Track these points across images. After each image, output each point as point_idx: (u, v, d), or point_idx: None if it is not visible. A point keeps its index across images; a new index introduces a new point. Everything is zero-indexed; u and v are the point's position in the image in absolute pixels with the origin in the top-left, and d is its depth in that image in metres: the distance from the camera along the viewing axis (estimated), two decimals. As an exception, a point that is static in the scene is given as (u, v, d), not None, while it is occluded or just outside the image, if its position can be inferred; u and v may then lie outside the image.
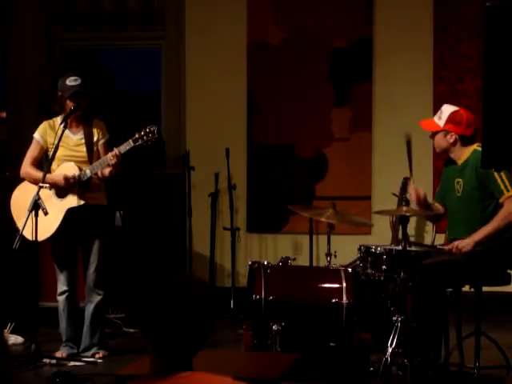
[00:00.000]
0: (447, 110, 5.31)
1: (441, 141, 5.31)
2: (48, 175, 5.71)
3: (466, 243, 5.10)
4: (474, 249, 5.13)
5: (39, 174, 5.78)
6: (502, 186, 5.05)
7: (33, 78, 8.14)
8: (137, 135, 5.78)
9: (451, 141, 5.25)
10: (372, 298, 5.43)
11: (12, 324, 6.32)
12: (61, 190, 5.80)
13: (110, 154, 5.73)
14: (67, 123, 5.79)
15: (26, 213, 5.58)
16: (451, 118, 5.25)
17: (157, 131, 5.79)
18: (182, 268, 7.69)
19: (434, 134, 5.35)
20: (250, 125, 8.10)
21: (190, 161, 7.81)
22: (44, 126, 5.94)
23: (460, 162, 5.28)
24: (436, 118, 5.34)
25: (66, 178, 5.74)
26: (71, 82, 5.83)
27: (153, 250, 7.50)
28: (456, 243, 5.14)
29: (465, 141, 5.25)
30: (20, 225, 5.75)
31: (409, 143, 5.48)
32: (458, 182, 5.27)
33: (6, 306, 6.66)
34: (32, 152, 5.94)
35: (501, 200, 5.09)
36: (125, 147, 5.78)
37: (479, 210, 5.18)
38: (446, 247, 5.26)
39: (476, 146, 5.22)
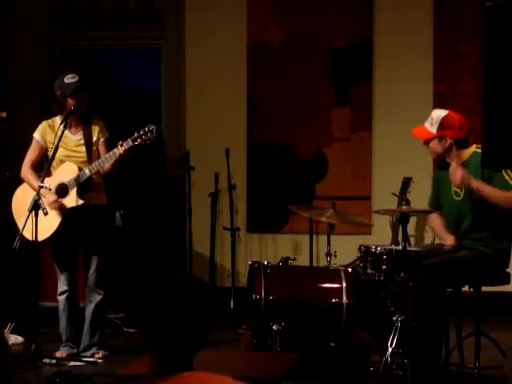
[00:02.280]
0: (438, 115, 5.27)
1: (436, 147, 5.28)
2: (42, 190, 5.69)
3: (468, 180, 5.04)
4: (475, 250, 5.14)
5: (36, 184, 5.75)
6: (510, 181, 5.04)
7: (33, 78, 8.14)
8: (136, 134, 5.77)
9: (446, 145, 5.22)
10: (372, 298, 5.43)
11: (12, 324, 6.32)
12: (61, 190, 5.81)
13: (120, 149, 5.69)
14: (67, 123, 5.78)
15: (26, 213, 5.58)
16: (443, 123, 5.21)
17: (156, 130, 5.78)
18: (182, 268, 7.69)
19: (427, 141, 5.32)
20: (250, 125, 8.10)
21: (190, 161, 7.81)
22: (43, 125, 5.94)
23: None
24: (427, 125, 5.29)
25: (55, 201, 5.73)
26: (69, 79, 5.82)
27: (153, 249, 7.50)
28: (464, 177, 5.06)
29: (460, 144, 5.22)
30: (20, 225, 5.75)
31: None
32: (456, 185, 5.24)
33: (6, 306, 6.66)
34: (32, 153, 5.93)
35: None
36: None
37: (485, 211, 5.14)
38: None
39: (475, 148, 5.19)
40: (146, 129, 5.77)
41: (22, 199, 5.88)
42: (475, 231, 5.19)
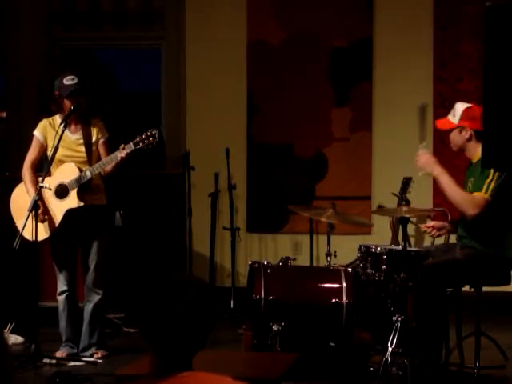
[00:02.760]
0: (460, 107, 5.32)
1: (456, 137, 5.29)
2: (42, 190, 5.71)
3: (435, 169, 5.10)
4: (475, 250, 5.14)
5: (31, 188, 5.76)
6: (485, 186, 5.03)
7: (33, 77, 8.14)
8: (138, 138, 5.75)
9: (466, 136, 5.24)
10: (372, 298, 5.43)
11: (12, 324, 6.31)
12: (61, 190, 5.81)
13: (119, 154, 5.69)
14: (67, 123, 5.78)
15: (26, 213, 5.58)
16: (465, 115, 5.24)
17: (158, 135, 5.77)
18: (182, 268, 7.69)
19: (448, 132, 5.34)
20: (250, 125, 8.10)
21: (190, 161, 7.80)
22: (44, 123, 5.93)
23: (474, 160, 5.24)
24: (450, 116, 5.33)
25: (43, 214, 5.74)
26: (68, 81, 5.82)
27: (153, 249, 7.50)
28: (423, 160, 5.12)
29: (480, 136, 5.23)
30: (19, 224, 5.76)
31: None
32: (470, 181, 5.25)
33: (6, 306, 6.66)
34: (32, 152, 5.92)
35: (474, 193, 5.07)
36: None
37: (487, 211, 5.13)
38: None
39: None
40: (149, 133, 5.74)
41: (20, 198, 5.88)
42: (477, 231, 5.18)
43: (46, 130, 5.89)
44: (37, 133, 5.92)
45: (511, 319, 7.21)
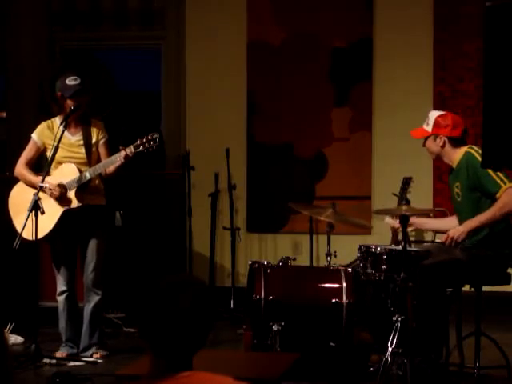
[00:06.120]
0: (433, 115, 5.39)
1: (431, 146, 5.35)
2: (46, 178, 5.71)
3: (459, 232, 5.09)
4: (474, 251, 5.13)
5: (34, 178, 5.77)
6: (499, 180, 5.05)
7: (33, 78, 8.15)
8: (138, 142, 5.74)
9: (441, 144, 5.29)
10: (372, 298, 5.43)
11: (12, 324, 6.32)
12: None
13: (122, 154, 5.70)
14: (67, 123, 5.78)
15: (26, 213, 5.57)
16: (438, 122, 5.30)
17: (158, 139, 5.76)
18: (182, 268, 7.70)
19: (424, 141, 5.39)
20: (250, 125, 8.10)
21: (190, 161, 7.81)
22: (42, 126, 5.94)
23: (454, 165, 5.29)
24: (424, 125, 5.39)
25: (58, 186, 5.73)
26: (71, 81, 5.82)
27: (153, 249, 7.50)
28: (450, 234, 5.12)
29: (454, 142, 5.28)
30: (17, 222, 5.76)
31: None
32: (457, 187, 5.27)
33: (6, 306, 6.66)
34: (27, 153, 5.93)
35: (498, 195, 5.06)
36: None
37: (476, 212, 5.16)
38: (443, 241, 5.26)
39: (467, 148, 5.23)
40: (150, 137, 5.73)
41: (19, 196, 5.88)
42: (474, 232, 5.18)
43: (44, 133, 5.89)
44: (34, 136, 5.92)
45: (511, 319, 7.21)
